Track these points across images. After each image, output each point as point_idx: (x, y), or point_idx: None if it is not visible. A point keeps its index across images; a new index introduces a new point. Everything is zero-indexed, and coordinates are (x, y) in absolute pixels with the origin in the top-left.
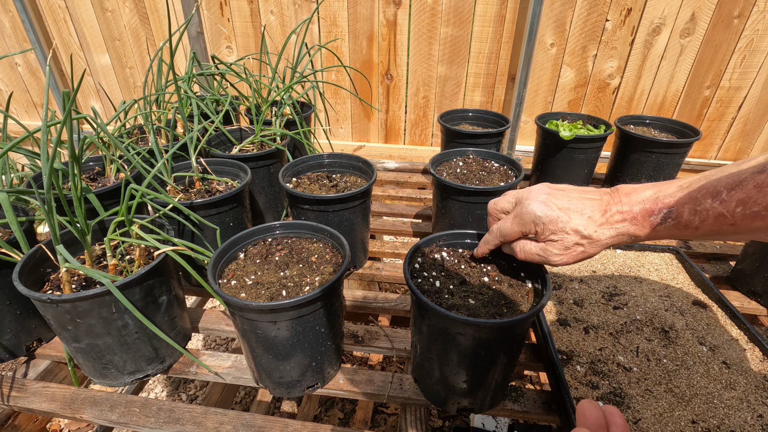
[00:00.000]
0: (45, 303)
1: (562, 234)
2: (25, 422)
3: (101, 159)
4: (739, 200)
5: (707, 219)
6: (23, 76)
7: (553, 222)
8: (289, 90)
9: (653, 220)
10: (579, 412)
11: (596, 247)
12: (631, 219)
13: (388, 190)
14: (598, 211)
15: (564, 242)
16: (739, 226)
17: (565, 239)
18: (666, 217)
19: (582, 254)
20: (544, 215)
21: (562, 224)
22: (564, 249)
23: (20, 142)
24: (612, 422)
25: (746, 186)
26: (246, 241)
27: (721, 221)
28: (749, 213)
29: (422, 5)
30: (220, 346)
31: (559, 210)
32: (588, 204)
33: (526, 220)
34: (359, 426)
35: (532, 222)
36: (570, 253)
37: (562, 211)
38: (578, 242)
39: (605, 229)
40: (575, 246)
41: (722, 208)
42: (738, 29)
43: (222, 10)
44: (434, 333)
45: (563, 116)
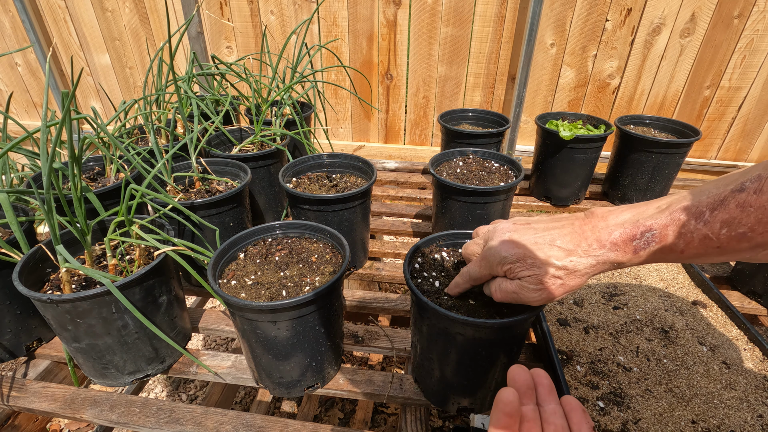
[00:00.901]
0: (45, 303)
1: (532, 269)
2: (25, 422)
3: (101, 159)
4: (723, 221)
5: (692, 242)
6: (23, 76)
7: (520, 260)
8: (289, 90)
9: (636, 245)
10: (509, 377)
11: (576, 278)
12: (611, 245)
13: (388, 190)
14: (571, 241)
15: (537, 277)
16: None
17: (537, 274)
18: (649, 240)
19: (562, 287)
20: (509, 255)
21: (531, 260)
22: (539, 284)
23: (20, 142)
24: (539, 383)
25: (728, 206)
26: (246, 241)
27: (707, 243)
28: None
29: (422, 5)
30: (220, 346)
31: (525, 246)
32: (557, 233)
33: (492, 262)
34: (359, 426)
35: (499, 264)
36: (548, 288)
37: (530, 246)
38: (554, 275)
39: (582, 258)
40: (552, 279)
41: (707, 230)
42: (738, 29)
43: (222, 10)
44: (434, 333)
45: (563, 116)
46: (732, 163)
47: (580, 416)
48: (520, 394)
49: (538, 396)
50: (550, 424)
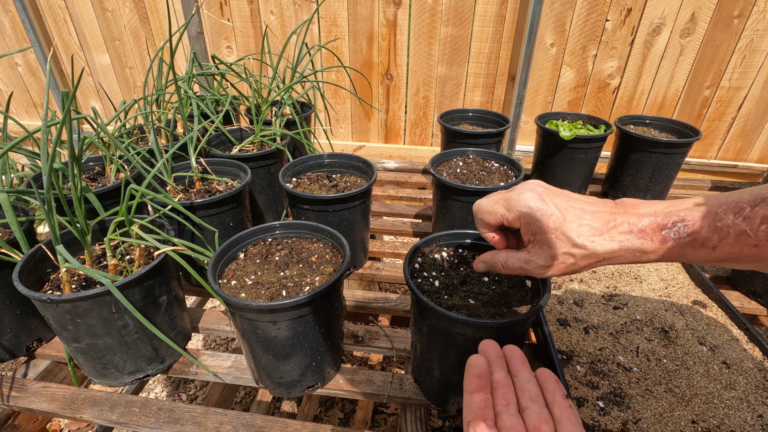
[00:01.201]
0: (45, 303)
1: (550, 235)
2: (25, 422)
3: (101, 159)
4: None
5: (727, 237)
6: (23, 76)
7: (545, 217)
8: (289, 90)
9: (665, 235)
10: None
11: (589, 260)
12: (639, 231)
13: (388, 190)
14: (600, 219)
15: (552, 249)
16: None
17: (553, 245)
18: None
19: (571, 267)
20: (536, 207)
21: (554, 224)
22: (550, 258)
23: (20, 142)
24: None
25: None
26: (246, 241)
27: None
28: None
29: (422, 5)
30: (220, 346)
31: (555, 207)
32: (588, 210)
33: (513, 206)
34: (359, 426)
35: (519, 211)
36: (557, 265)
37: (558, 210)
38: (568, 252)
39: (605, 240)
40: (564, 256)
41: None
42: (738, 29)
43: (222, 10)
44: (434, 333)
45: (563, 116)
46: (732, 162)
47: (554, 385)
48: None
49: (510, 368)
50: (524, 392)
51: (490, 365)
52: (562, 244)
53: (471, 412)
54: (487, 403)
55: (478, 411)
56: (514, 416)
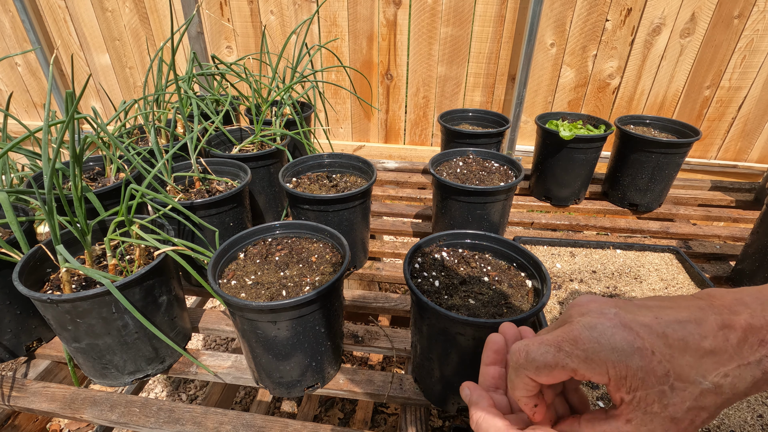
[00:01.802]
0: (45, 303)
1: (663, 386)
2: (25, 422)
3: (101, 159)
4: None
5: None
6: (23, 76)
7: (647, 368)
8: (289, 90)
9: None
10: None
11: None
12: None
13: (388, 190)
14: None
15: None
16: None
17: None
18: None
19: (702, 422)
20: (630, 348)
21: (664, 369)
22: (671, 422)
23: (20, 142)
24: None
25: None
26: (246, 241)
27: None
28: None
29: (422, 5)
30: (220, 346)
31: (651, 335)
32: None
33: (592, 356)
34: (359, 426)
35: (605, 360)
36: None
37: (656, 337)
38: (697, 406)
39: (739, 369)
40: (692, 413)
41: None
42: (738, 29)
43: (222, 10)
44: (434, 333)
45: (563, 116)
46: (732, 163)
47: None
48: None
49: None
50: None
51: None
52: (685, 393)
53: (485, 381)
54: (501, 375)
55: (492, 381)
56: None
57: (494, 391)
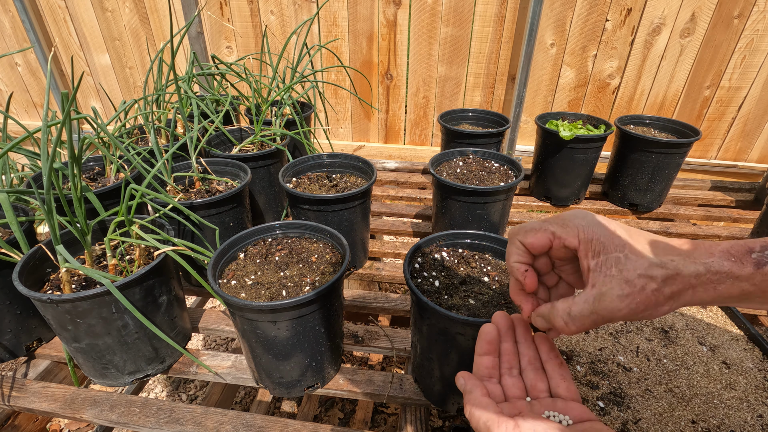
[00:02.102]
0: (45, 303)
1: (621, 253)
2: (25, 422)
3: (101, 159)
4: None
5: None
6: (23, 76)
7: (605, 232)
8: (289, 90)
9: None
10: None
11: (674, 286)
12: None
13: (388, 190)
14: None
15: (626, 271)
16: None
17: (626, 265)
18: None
19: (654, 296)
20: (598, 222)
21: (622, 241)
22: (626, 285)
23: (20, 142)
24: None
25: None
26: (246, 241)
27: None
28: None
29: (422, 5)
30: (220, 346)
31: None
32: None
33: (568, 222)
34: (359, 426)
35: (578, 226)
36: (638, 293)
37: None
38: (647, 273)
39: (686, 262)
40: (642, 279)
41: None
42: (738, 29)
43: (222, 10)
44: (434, 333)
45: (563, 116)
46: (732, 162)
47: (548, 346)
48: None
49: (517, 334)
50: (524, 356)
51: (500, 335)
52: (637, 263)
53: (479, 371)
54: (494, 365)
55: (486, 371)
56: (516, 377)
57: (488, 380)
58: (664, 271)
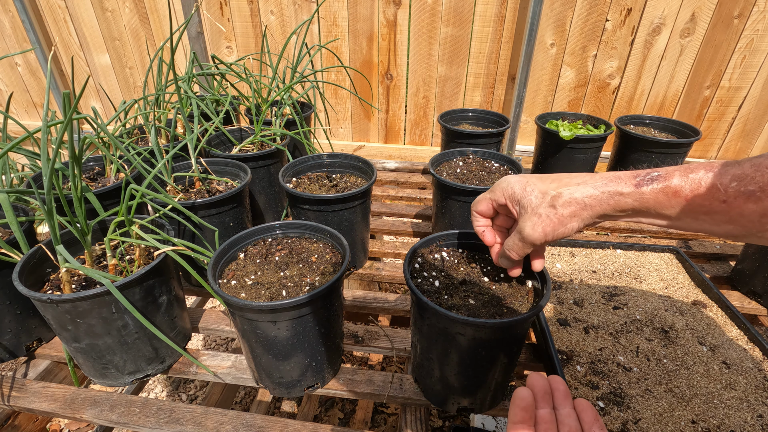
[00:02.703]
0: (45, 303)
1: (529, 197)
2: (25, 422)
3: (101, 159)
4: (735, 175)
5: (699, 188)
6: (23, 76)
7: (519, 185)
8: (289, 90)
9: (639, 180)
10: (528, 383)
11: (573, 208)
12: (612, 177)
13: (388, 190)
14: (573, 177)
15: (534, 209)
16: (731, 204)
17: (533, 205)
18: (654, 178)
19: (559, 220)
20: (512, 181)
21: (529, 188)
22: (536, 217)
23: (20, 143)
24: (555, 389)
25: (743, 165)
26: (246, 241)
27: (713, 194)
28: (744, 191)
29: (422, 5)
30: (220, 346)
31: (531, 178)
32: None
33: (495, 188)
34: (359, 426)
35: (500, 189)
36: (543, 220)
37: (533, 178)
38: (548, 204)
39: (581, 187)
40: (547, 209)
41: (716, 180)
42: (738, 29)
43: (222, 10)
44: (434, 333)
45: (563, 116)
46: None
47: (591, 416)
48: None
49: (554, 400)
50: (564, 425)
51: (537, 400)
52: (541, 200)
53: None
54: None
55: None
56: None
57: None
58: (561, 200)
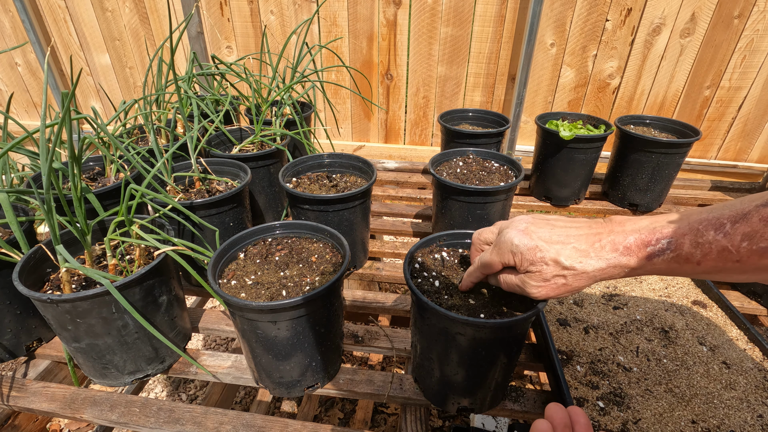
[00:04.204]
0: (45, 303)
1: (540, 265)
2: (25, 422)
3: (101, 159)
4: (745, 234)
5: (710, 253)
6: (23, 76)
7: (530, 251)
8: (289, 90)
9: (650, 251)
10: (547, 414)
11: (581, 280)
12: (624, 249)
13: (388, 190)
14: (585, 242)
15: (543, 274)
16: (744, 263)
17: (543, 270)
18: (665, 248)
19: (564, 287)
20: (521, 244)
21: (541, 254)
22: (543, 281)
23: (20, 142)
24: (576, 421)
25: (751, 219)
26: (246, 241)
27: (726, 257)
28: (756, 249)
29: (422, 5)
30: (220, 346)
31: (539, 240)
32: (573, 234)
33: (503, 249)
34: (359, 426)
35: (510, 251)
36: (549, 285)
37: (542, 241)
38: (558, 274)
39: (592, 260)
40: (555, 278)
41: (726, 242)
42: (738, 29)
43: (222, 10)
44: (434, 333)
45: (563, 116)
46: (732, 163)
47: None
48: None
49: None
50: None
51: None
52: (551, 269)
53: None
54: None
55: None
56: None
57: None
58: (572, 272)
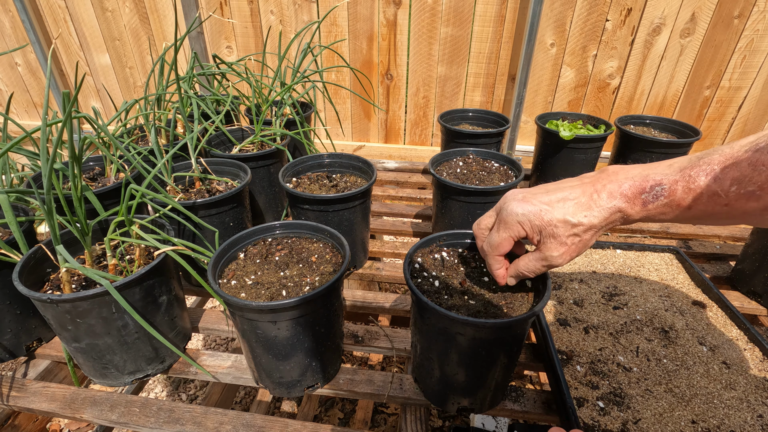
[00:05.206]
0: (45, 303)
1: (551, 228)
2: (25, 422)
3: (101, 159)
4: (734, 179)
5: (700, 198)
6: (23, 76)
7: (536, 216)
8: (290, 90)
9: (645, 198)
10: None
11: (591, 233)
12: (621, 196)
13: (388, 190)
14: (584, 195)
15: (558, 238)
16: (732, 206)
17: (557, 233)
18: (658, 194)
19: (581, 244)
20: (526, 211)
21: (548, 216)
22: (561, 245)
23: (20, 142)
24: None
25: (740, 164)
26: (246, 241)
27: (715, 201)
28: (744, 193)
29: (422, 5)
30: (220, 345)
31: (540, 203)
32: (568, 191)
33: (510, 222)
34: (359, 426)
35: (517, 222)
36: (569, 248)
37: (544, 204)
38: (571, 233)
39: (595, 212)
40: (570, 238)
41: (716, 187)
42: (738, 29)
43: (222, 9)
44: (434, 333)
45: (563, 116)
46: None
47: None
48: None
49: None
50: None
51: None
52: (562, 229)
53: None
54: None
55: None
56: None
57: None
58: (582, 227)
